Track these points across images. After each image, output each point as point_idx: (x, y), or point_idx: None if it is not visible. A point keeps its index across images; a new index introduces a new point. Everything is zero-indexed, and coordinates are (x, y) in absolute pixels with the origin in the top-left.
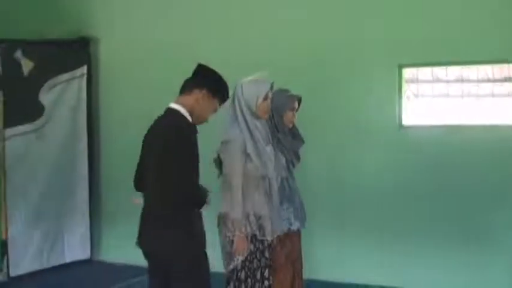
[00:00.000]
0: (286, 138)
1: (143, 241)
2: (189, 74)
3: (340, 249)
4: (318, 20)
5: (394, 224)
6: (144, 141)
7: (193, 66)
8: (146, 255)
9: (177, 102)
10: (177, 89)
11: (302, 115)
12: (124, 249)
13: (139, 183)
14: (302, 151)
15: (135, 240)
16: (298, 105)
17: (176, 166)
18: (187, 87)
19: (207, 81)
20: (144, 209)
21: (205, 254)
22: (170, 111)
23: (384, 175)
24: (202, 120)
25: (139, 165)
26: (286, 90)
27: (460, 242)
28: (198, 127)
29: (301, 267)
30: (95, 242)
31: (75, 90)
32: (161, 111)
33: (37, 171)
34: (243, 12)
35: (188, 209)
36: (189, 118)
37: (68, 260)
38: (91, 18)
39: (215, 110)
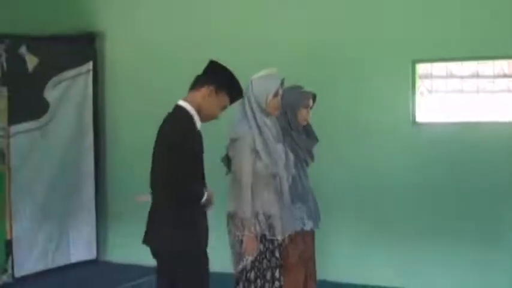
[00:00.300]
0: (300, 136)
1: (149, 240)
2: (196, 71)
3: (355, 249)
4: (328, 16)
5: (409, 223)
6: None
7: (200, 64)
8: (153, 254)
9: (185, 99)
10: (184, 86)
11: (313, 112)
12: (131, 249)
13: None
14: (316, 150)
15: (140, 237)
16: (313, 102)
17: (173, 165)
18: (196, 83)
19: (216, 78)
20: (151, 207)
21: (205, 253)
22: (177, 109)
23: (397, 173)
24: (210, 117)
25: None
26: (300, 87)
27: (475, 240)
28: (208, 124)
29: (315, 268)
30: (101, 241)
31: (80, 87)
32: (168, 108)
33: (42, 170)
34: (249, 10)
35: (191, 207)
36: (195, 115)
37: (73, 260)
38: (97, 13)
39: (224, 107)
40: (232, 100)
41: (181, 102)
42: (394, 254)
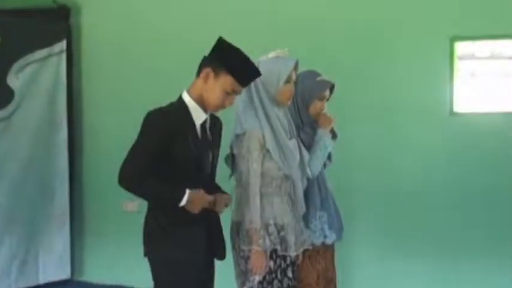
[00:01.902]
0: (312, 132)
1: None
2: (188, 52)
3: (381, 265)
4: None
5: (447, 234)
6: None
7: (193, 43)
8: None
9: (188, 87)
10: (178, 68)
11: (333, 101)
12: (112, 267)
13: None
14: (334, 148)
15: (125, 255)
16: (330, 93)
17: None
18: (199, 66)
19: (215, 57)
20: None
21: (190, 264)
22: (178, 99)
23: (432, 173)
24: (214, 106)
25: None
26: (317, 74)
27: None
28: None
29: None
30: (76, 257)
31: (52, 71)
32: (158, 96)
33: (5, 169)
34: None
35: (169, 212)
36: (195, 106)
37: (42, 280)
38: None
39: (229, 92)
40: (242, 81)
41: (183, 92)
42: (431, 272)
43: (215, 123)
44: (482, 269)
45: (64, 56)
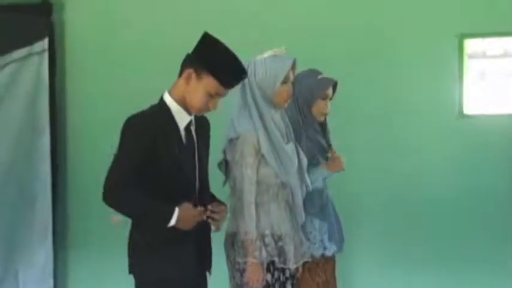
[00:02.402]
0: (317, 135)
1: None
2: (175, 51)
3: (385, 277)
4: None
5: (457, 244)
6: None
7: (181, 41)
8: None
9: (170, 88)
10: (167, 68)
11: (334, 103)
12: (98, 280)
13: None
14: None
15: (111, 268)
16: (333, 92)
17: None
18: (181, 65)
19: (197, 56)
20: None
21: (171, 281)
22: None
23: (440, 179)
24: (196, 109)
25: None
26: (318, 72)
27: None
28: None
29: None
30: (59, 270)
31: (33, 70)
32: (146, 97)
33: None
34: None
35: (156, 229)
36: (177, 108)
37: None
38: None
39: (212, 94)
40: (225, 84)
41: (165, 93)
42: (433, 283)
43: (201, 124)
44: (483, 280)
45: (46, 55)
